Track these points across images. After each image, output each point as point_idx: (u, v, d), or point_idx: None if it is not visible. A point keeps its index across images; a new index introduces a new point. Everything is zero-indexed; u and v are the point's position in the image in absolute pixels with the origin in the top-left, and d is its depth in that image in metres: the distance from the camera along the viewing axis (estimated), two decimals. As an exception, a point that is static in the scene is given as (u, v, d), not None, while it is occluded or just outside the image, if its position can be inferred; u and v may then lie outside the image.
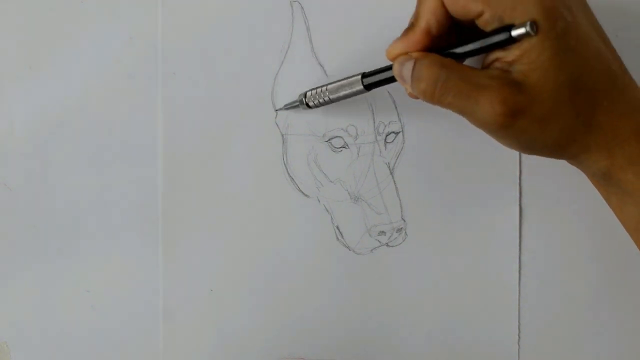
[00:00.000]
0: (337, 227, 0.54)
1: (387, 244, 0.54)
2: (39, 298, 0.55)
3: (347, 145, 0.53)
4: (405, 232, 0.54)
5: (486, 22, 0.41)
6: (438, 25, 0.43)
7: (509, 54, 0.41)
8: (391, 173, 0.53)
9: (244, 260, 0.54)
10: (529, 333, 0.53)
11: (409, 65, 0.43)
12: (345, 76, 0.49)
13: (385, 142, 0.53)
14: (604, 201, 0.51)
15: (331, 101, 0.50)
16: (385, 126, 0.53)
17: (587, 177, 0.47)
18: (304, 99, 0.51)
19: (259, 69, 0.53)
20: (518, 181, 0.53)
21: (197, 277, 0.54)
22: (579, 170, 0.46)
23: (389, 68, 0.46)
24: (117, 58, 0.54)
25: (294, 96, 0.53)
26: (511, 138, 0.43)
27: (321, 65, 0.53)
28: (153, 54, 0.54)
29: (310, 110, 0.52)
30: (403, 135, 0.53)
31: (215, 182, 0.54)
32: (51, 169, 0.55)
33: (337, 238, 0.54)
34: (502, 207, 0.53)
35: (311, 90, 0.51)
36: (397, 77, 0.45)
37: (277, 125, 0.54)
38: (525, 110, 0.41)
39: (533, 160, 0.53)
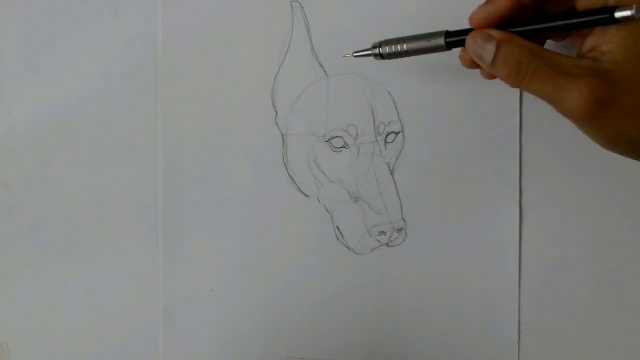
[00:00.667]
0: (337, 227, 0.54)
1: (387, 244, 0.54)
2: (39, 298, 0.55)
3: (347, 145, 0.53)
4: (405, 232, 0.54)
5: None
6: None
7: (604, 42, 0.40)
8: (391, 173, 0.53)
9: (244, 260, 0.54)
10: (529, 333, 0.53)
11: (491, 47, 0.42)
12: (425, 32, 0.47)
13: (385, 142, 0.53)
14: (603, 201, 0.51)
15: (407, 54, 0.47)
16: (385, 126, 0.53)
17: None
18: (378, 48, 0.48)
19: (259, 69, 0.53)
20: (518, 181, 0.53)
21: (197, 277, 0.54)
22: (579, 171, 0.46)
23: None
24: (117, 58, 0.54)
25: (293, 96, 0.53)
26: (596, 129, 0.42)
27: (321, 65, 0.53)
28: (153, 54, 0.54)
29: (313, 108, 0.52)
30: (403, 135, 0.53)
31: (215, 182, 0.54)
32: (51, 169, 0.55)
33: (337, 238, 0.54)
34: (502, 207, 0.53)
35: (386, 40, 0.48)
36: (471, 53, 0.43)
37: (277, 125, 0.54)
38: (614, 101, 0.40)
39: (533, 160, 0.53)
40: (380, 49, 0.48)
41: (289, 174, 0.54)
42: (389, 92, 0.53)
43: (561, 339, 0.53)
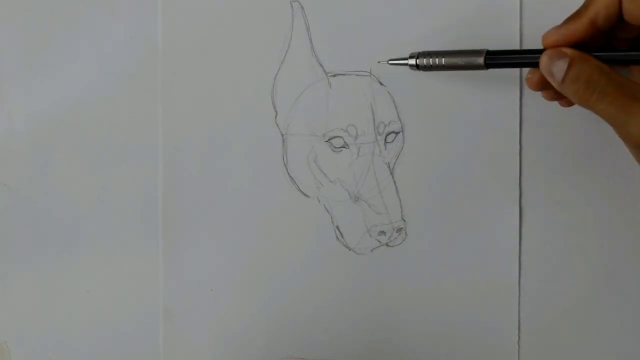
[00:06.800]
0: (337, 227, 0.54)
1: (387, 244, 0.54)
2: (39, 298, 0.55)
3: (347, 145, 0.53)
4: (405, 232, 0.54)
5: None
6: (606, 20, 0.42)
7: None
8: (391, 173, 0.53)
9: (244, 260, 0.54)
10: (529, 333, 0.53)
11: (563, 64, 0.42)
12: (465, 49, 0.47)
13: (385, 142, 0.53)
14: (603, 201, 0.51)
15: (443, 68, 0.48)
16: (385, 126, 0.53)
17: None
18: (415, 59, 0.48)
19: (259, 69, 0.53)
20: (518, 181, 0.53)
21: (197, 277, 0.54)
22: (579, 171, 0.46)
23: (518, 52, 0.45)
24: (117, 58, 0.54)
25: (293, 96, 0.53)
26: None
27: (321, 65, 0.53)
28: (153, 54, 0.54)
29: (313, 108, 0.52)
30: (403, 135, 0.53)
31: (215, 182, 0.54)
32: (51, 169, 0.55)
33: (337, 238, 0.54)
34: (502, 207, 0.53)
35: (424, 52, 0.48)
36: (543, 71, 0.43)
37: (277, 125, 0.54)
38: None
39: (533, 161, 0.53)
40: (418, 60, 0.48)
41: (289, 174, 0.54)
42: (389, 92, 0.53)
43: (561, 339, 0.53)
